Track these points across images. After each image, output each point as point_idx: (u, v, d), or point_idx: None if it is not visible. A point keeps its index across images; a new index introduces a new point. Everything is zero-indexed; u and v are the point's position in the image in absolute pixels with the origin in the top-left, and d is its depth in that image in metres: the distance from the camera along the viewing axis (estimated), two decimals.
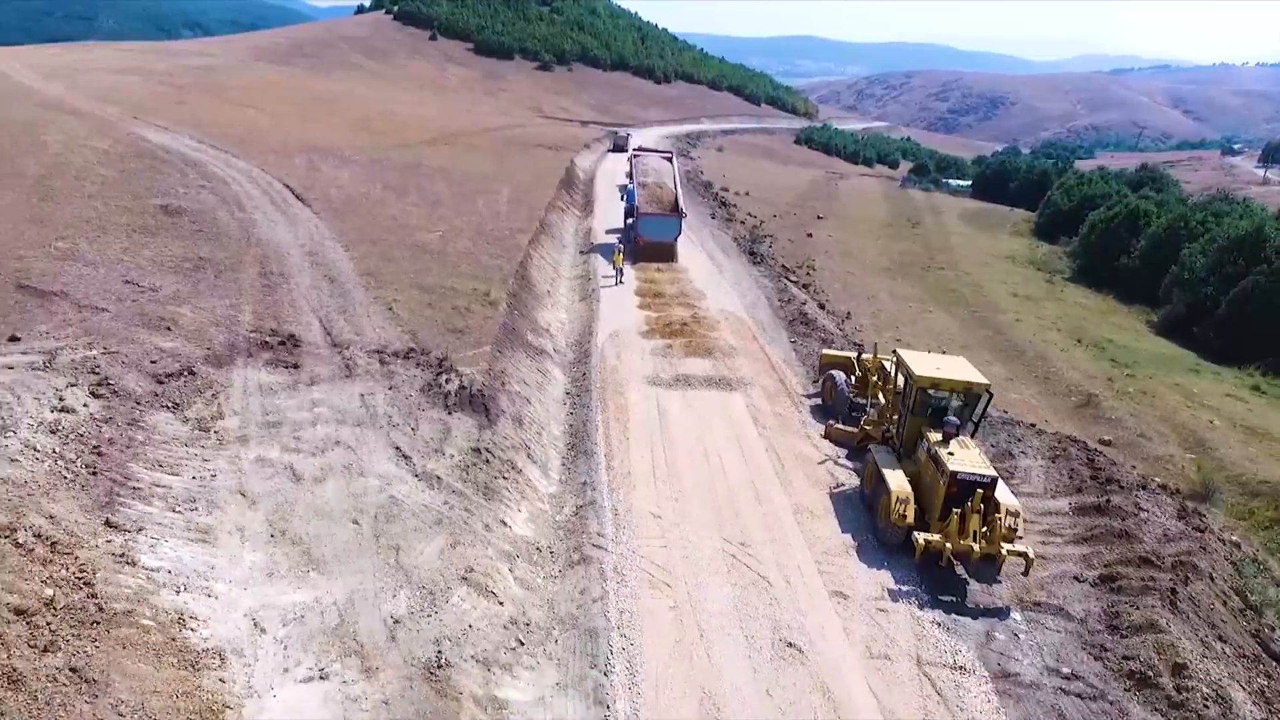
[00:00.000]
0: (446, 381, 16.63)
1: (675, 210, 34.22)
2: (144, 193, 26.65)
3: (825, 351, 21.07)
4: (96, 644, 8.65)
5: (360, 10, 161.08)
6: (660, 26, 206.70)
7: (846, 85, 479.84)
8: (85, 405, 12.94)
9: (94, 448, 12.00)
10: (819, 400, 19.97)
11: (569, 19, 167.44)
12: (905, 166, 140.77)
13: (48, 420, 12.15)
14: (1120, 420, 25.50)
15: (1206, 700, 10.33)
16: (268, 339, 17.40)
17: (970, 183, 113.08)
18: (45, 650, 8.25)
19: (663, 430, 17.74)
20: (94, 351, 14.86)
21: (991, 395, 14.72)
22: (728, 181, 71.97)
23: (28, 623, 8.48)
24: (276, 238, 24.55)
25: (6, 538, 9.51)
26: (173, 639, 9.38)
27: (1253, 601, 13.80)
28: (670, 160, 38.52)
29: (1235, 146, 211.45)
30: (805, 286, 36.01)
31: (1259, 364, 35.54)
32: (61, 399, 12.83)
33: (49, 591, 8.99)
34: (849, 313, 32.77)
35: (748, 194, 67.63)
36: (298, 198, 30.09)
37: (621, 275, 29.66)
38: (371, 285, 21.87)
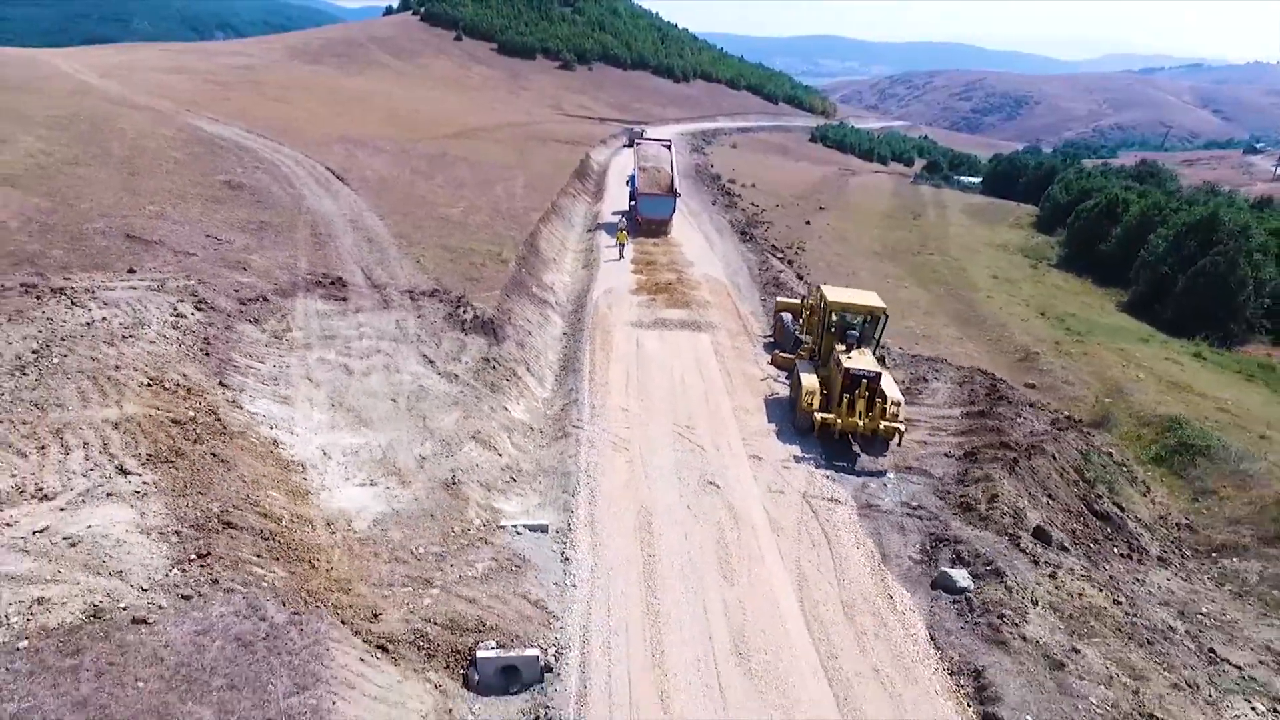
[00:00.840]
0: (463, 312, 20.80)
1: (670, 191, 38.23)
2: (209, 171, 31.10)
3: (779, 299, 24.99)
4: (225, 444, 12.88)
5: (389, 11, 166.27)
6: (681, 26, 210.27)
7: (869, 85, 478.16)
8: (193, 314, 17.26)
9: (204, 340, 16.30)
10: (773, 339, 23.88)
11: (590, 19, 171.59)
12: (920, 164, 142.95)
13: (169, 320, 16.48)
14: (1051, 371, 29.02)
15: (1005, 515, 14.18)
16: (320, 280, 21.66)
17: (981, 179, 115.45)
18: (195, 442, 12.50)
19: (638, 357, 21.77)
20: (191, 281, 19.18)
21: (887, 317, 18.60)
22: (736, 175, 74.94)
23: (181, 427, 12.73)
24: (322, 208, 28.87)
25: (158, 383, 13.78)
26: (270, 451, 13.61)
27: (1089, 477, 17.55)
28: (668, 148, 42.46)
29: (1258, 145, 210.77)
30: (789, 262, 39.76)
31: (1207, 335, 38.73)
32: (176, 309, 17.17)
33: (191, 413, 13.24)
34: (819, 280, 36.48)
35: (753, 186, 70.63)
36: (338, 178, 34.43)
37: (624, 250, 33.35)
38: (403, 245, 26.10)
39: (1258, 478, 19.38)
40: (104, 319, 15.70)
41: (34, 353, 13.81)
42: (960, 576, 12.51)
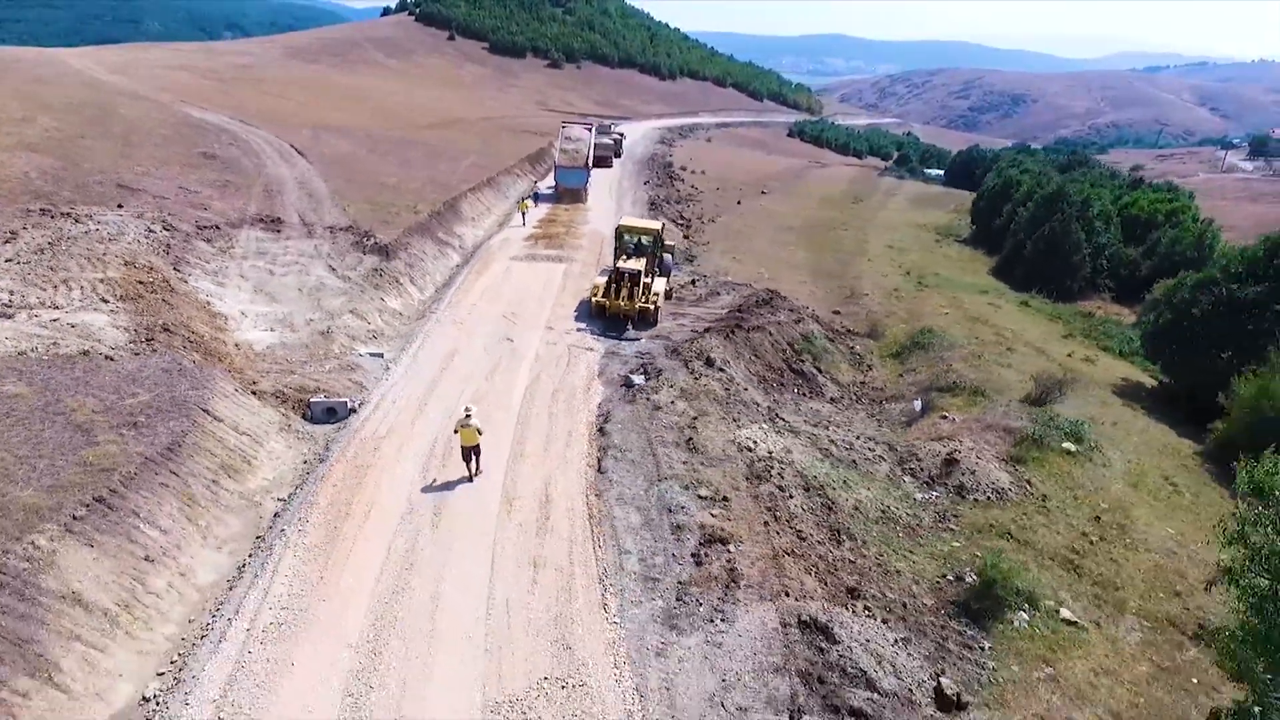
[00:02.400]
0: (366, 241, 27.91)
1: (585, 166, 45.33)
2: (191, 146, 38.36)
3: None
4: (172, 297, 20.00)
5: (386, 12, 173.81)
6: (672, 26, 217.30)
7: (870, 83, 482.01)
8: (161, 232, 24.44)
9: (166, 246, 23.47)
10: None
11: (580, 19, 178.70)
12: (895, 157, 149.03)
13: (143, 234, 23.66)
14: (867, 306, 35.70)
15: (695, 353, 21.12)
16: (263, 219, 28.81)
17: (944, 171, 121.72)
18: (152, 293, 19.64)
19: (505, 276, 28.86)
20: (164, 214, 26.35)
21: (660, 236, 25.59)
22: (694, 164, 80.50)
23: (144, 285, 19.85)
24: (278, 174, 36.07)
25: (131, 264, 20.92)
26: (204, 306, 20.74)
27: (798, 349, 24.42)
28: (589, 130, 49.54)
29: (1234, 142, 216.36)
30: (688, 225, 46.63)
31: (1042, 290, 45.28)
32: (149, 229, 24.35)
33: (151, 280, 20.38)
34: (709, 240, 43.38)
35: (703, 173, 76.33)
36: (299, 153, 41.64)
37: (525, 217, 39.66)
38: (337, 199, 33.25)
39: (946, 360, 26.22)
40: (97, 229, 22.90)
41: (50, 244, 21.00)
42: (638, 379, 19.48)
